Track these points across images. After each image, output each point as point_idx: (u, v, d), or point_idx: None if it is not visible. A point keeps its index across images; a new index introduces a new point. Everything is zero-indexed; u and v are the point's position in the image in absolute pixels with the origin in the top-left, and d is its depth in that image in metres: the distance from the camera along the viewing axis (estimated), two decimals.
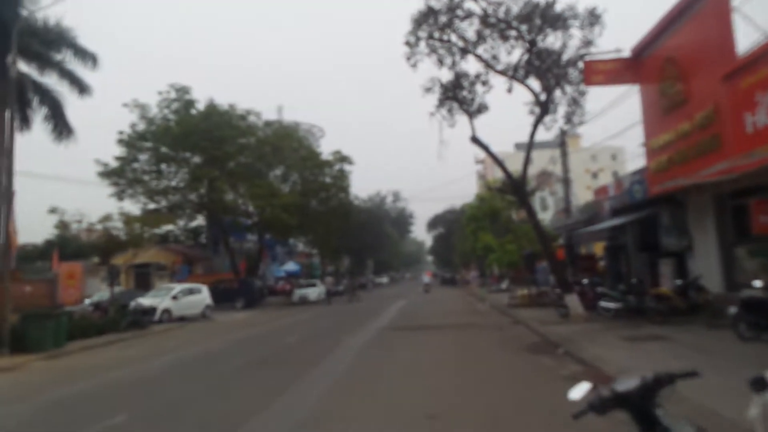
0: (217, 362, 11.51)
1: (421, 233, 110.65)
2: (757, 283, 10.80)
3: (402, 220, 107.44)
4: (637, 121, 16.70)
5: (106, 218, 20.17)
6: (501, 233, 28.80)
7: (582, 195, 41.53)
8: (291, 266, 61.86)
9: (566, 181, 29.55)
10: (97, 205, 37.09)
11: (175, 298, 23.27)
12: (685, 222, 15.59)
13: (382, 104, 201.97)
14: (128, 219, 21.19)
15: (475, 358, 10.72)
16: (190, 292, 24.51)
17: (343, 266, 70.61)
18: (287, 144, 37.69)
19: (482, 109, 17.26)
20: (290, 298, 37.38)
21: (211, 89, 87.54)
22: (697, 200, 14.90)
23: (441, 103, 17.59)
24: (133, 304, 21.32)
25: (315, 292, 36.74)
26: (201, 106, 35.17)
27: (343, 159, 38.93)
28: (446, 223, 66.59)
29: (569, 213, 29.25)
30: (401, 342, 13.44)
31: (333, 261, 63.84)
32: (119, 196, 34.95)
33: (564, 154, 29.50)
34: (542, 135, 29.07)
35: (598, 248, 27.66)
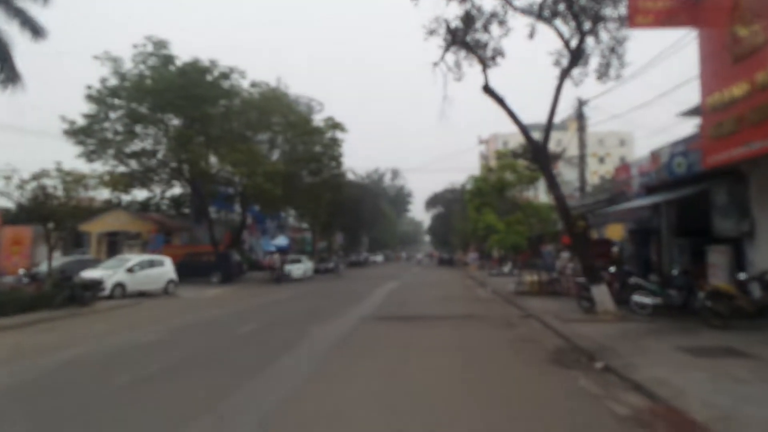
0: (128, 363, 8.46)
1: (419, 213, 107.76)
2: None
3: (400, 199, 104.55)
4: (649, 101, 13.55)
5: (42, 174, 16.85)
6: (507, 212, 25.68)
7: (589, 179, 38.31)
8: (281, 241, 58.97)
9: (582, 158, 26.40)
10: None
11: (131, 270, 20.18)
12: (746, 201, 12.49)
13: (385, 80, 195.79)
14: (69, 177, 17.86)
15: (480, 374, 7.67)
16: (150, 264, 21.42)
17: (335, 242, 67.69)
18: (275, 108, 34.29)
19: (497, 55, 14.00)
20: (273, 275, 34.31)
21: (201, 53, 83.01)
22: (765, 173, 11.79)
23: (447, 47, 14.31)
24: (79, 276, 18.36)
25: (300, 269, 33.76)
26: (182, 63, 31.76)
27: (336, 126, 35.53)
28: (445, 203, 63.46)
29: (584, 193, 26.17)
30: (383, 340, 10.42)
31: (324, 236, 60.83)
32: (88, 157, 31.75)
33: (581, 128, 26.29)
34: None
35: (613, 232, 24.61)
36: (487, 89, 13.12)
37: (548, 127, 13.09)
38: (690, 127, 17.86)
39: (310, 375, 7.50)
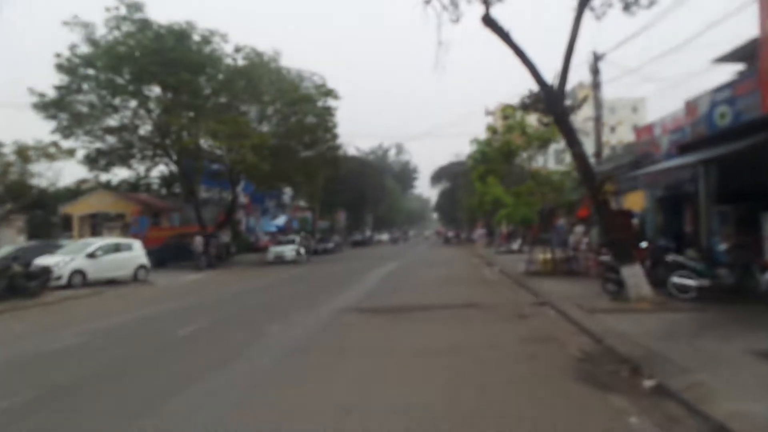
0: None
1: (426, 190, 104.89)
2: None
3: (405, 174, 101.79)
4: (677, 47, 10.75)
5: None
6: (515, 182, 23.12)
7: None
8: (280, 221, 56.81)
9: (598, 119, 23.67)
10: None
11: (92, 256, 17.96)
12: None
13: (387, 48, 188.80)
14: (22, 150, 15.57)
15: (480, 403, 5.26)
16: (116, 248, 19.15)
17: (338, 221, 65.42)
18: (264, 75, 31.60)
19: None
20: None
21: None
22: None
23: None
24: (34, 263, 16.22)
25: (293, 250, 31.45)
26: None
27: (328, 93, 32.80)
28: (451, 176, 60.70)
29: (600, 159, 23.49)
30: (357, 343, 8.07)
31: (325, 215, 58.51)
32: (64, 132, 29.41)
33: (596, 85, 23.49)
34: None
35: (632, 202, 21.97)
36: (488, 20, 10.47)
37: (565, 68, 10.50)
38: (724, 75, 15.19)
39: (234, 406, 5.16)
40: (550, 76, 11.20)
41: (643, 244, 12.58)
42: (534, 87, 11.05)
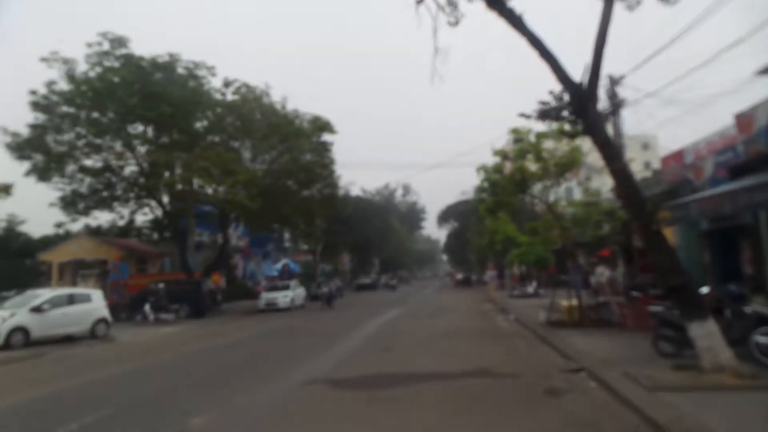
0: None
1: (434, 230, 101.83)
2: None
3: (413, 216, 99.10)
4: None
5: None
6: (529, 217, 20.49)
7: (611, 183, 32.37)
8: (280, 265, 54.28)
9: (620, 148, 21.13)
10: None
11: (38, 310, 15.35)
12: None
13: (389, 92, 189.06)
14: None
15: None
16: (70, 301, 16.52)
17: (342, 265, 62.71)
18: (256, 110, 29.66)
19: None
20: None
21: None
22: None
23: None
24: None
25: (287, 296, 28.67)
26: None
27: (324, 127, 30.70)
28: (459, 216, 58.06)
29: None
30: None
31: (328, 258, 55.84)
32: (41, 175, 27.35)
33: (615, 110, 21.11)
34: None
35: None
36: (493, 1, 8.09)
37: (597, 61, 8.03)
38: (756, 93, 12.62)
39: None
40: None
41: (704, 290, 9.75)
42: (556, 88, 8.57)
